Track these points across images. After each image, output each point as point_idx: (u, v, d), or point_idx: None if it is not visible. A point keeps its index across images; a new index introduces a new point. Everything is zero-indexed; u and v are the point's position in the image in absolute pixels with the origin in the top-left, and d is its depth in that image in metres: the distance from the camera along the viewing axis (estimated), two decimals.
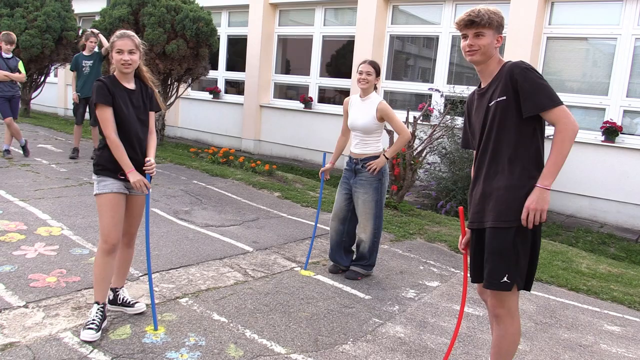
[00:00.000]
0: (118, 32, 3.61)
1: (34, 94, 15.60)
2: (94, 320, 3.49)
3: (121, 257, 3.81)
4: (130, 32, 3.62)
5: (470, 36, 2.92)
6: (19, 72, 8.74)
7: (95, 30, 9.36)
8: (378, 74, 4.92)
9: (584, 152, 8.89)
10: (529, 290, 2.99)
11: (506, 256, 2.81)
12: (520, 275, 2.84)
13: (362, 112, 4.89)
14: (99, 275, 3.60)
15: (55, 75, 18.22)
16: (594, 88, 9.16)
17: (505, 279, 2.82)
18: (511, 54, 9.36)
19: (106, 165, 3.56)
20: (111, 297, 3.86)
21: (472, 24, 2.91)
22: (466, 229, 3.11)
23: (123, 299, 3.86)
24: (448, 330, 4.09)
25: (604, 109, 8.98)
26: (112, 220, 3.56)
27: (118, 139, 3.51)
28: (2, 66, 8.55)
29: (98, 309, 3.55)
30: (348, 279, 5.00)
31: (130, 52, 3.55)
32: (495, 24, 2.89)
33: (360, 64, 4.92)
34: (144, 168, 3.61)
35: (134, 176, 3.54)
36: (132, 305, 3.86)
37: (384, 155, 4.89)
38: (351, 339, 3.83)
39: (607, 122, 8.77)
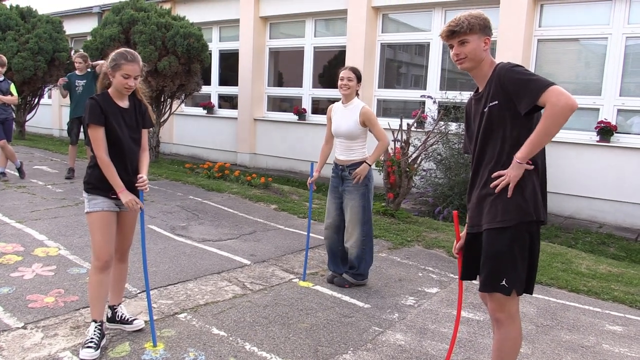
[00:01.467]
0: (125, 53, 3.51)
1: (28, 116, 15.62)
2: (92, 338, 3.47)
3: (115, 273, 3.80)
4: (137, 55, 3.56)
5: (456, 45, 2.91)
6: (11, 94, 8.73)
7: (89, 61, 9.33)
8: (359, 79, 4.97)
9: (579, 153, 8.91)
10: (531, 294, 2.96)
11: (503, 260, 2.79)
12: (519, 280, 2.81)
13: (345, 117, 4.91)
14: (94, 293, 3.59)
15: (49, 97, 18.25)
16: (587, 88, 9.19)
17: (503, 282, 2.80)
18: (502, 58, 9.34)
19: (96, 184, 3.54)
20: (109, 315, 3.84)
21: (453, 34, 2.90)
22: (464, 232, 3.11)
23: (121, 316, 3.84)
24: (448, 336, 4.07)
25: (597, 109, 9.00)
26: (103, 238, 3.55)
27: (109, 159, 3.49)
28: None
29: (96, 327, 3.53)
30: (337, 285, 5.01)
31: (136, 77, 3.53)
32: (477, 27, 2.86)
33: (341, 70, 4.95)
34: (136, 185, 3.60)
35: (125, 196, 3.53)
36: (130, 322, 3.84)
37: (366, 162, 4.89)
38: (351, 349, 3.81)
39: (601, 122, 8.78)
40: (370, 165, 4.90)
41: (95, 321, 3.56)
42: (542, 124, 2.67)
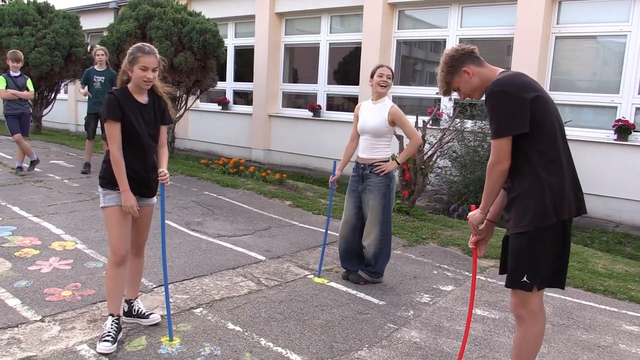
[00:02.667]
0: (142, 46, 3.53)
1: (45, 111, 15.74)
2: (109, 332, 3.50)
3: (132, 268, 3.82)
4: (153, 48, 3.56)
5: (457, 93, 3.13)
6: (27, 89, 8.81)
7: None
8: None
9: (596, 152, 8.82)
10: (562, 288, 3.00)
11: (524, 257, 2.84)
12: (541, 276, 2.85)
13: (374, 114, 4.90)
14: (111, 287, 3.61)
15: (66, 92, 18.38)
16: (605, 86, 9.09)
17: (524, 278, 2.84)
18: (519, 55, 9.33)
19: (111, 179, 3.53)
20: (126, 309, 3.87)
21: (447, 93, 3.15)
22: (482, 226, 3.14)
23: (138, 310, 3.87)
24: (463, 334, 4.05)
25: (615, 107, 8.92)
26: (119, 232, 3.56)
27: (121, 156, 3.47)
28: (10, 84, 8.63)
29: (113, 321, 3.56)
30: (352, 282, 5.02)
31: (154, 69, 3.52)
32: (449, 73, 3.04)
33: (378, 68, 4.94)
34: (158, 178, 3.61)
35: (127, 199, 3.50)
36: (147, 317, 3.86)
37: (395, 160, 4.91)
38: (366, 345, 3.81)
39: (619, 120, 8.69)
40: (398, 164, 4.93)
41: (112, 315, 3.58)
42: (486, 179, 2.92)
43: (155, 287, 4.57)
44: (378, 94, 4.94)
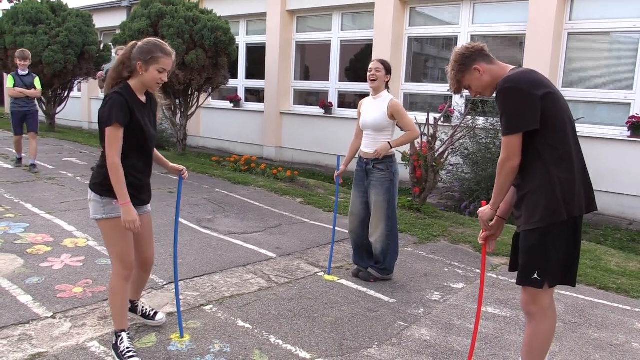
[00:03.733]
0: (162, 46, 3.27)
1: (58, 109, 15.85)
2: (129, 348, 3.32)
3: (137, 280, 3.69)
4: (171, 48, 3.36)
5: (468, 91, 3.13)
6: (35, 88, 8.87)
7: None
8: (388, 71, 4.91)
9: (609, 148, 8.74)
10: (573, 285, 2.99)
11: (535, 254, 2.84)
12: (552, 272, 2.85)
13: (373, 109, 4.89)
14: (120, 303, 3.37)
15: (79, 90, 18.49)
16: (619, 83, 9.00)
17: (535, 275, 2.84)
18: (531, 52, 9.26)
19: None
20: (130, 307, 3.75)
21: (458, 91, 3.13)
22: (493, 222, 3.12)
23: (142, 310, 3.81)
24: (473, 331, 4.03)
25: (629, 104, 8.82)
26: (129, 244, 3.36)
27: (121, 164, 3.15)
28: (18, 83, 8.71)
29: (127, 336, 3.37)
30: (362, 279, 5.01)
31: (168, 72, 3.31)
32: (460, 72, 3.02)
33: (370, 62, 4.93)
34: (182, 174, 3.61)
35: (128, 212, 3.18)
36: (152, 318, 3.79)
37: (388, 142, 4.81)
38: (376, 343, 3.80)
39: (632, 117, 8.60)
40: (391, 146, 4.81)
41: (124, 331, 3.38)
42: (496, 175, 2.91)
43: (165, 284, 4.58)
44: (372, 89, 4.93)
